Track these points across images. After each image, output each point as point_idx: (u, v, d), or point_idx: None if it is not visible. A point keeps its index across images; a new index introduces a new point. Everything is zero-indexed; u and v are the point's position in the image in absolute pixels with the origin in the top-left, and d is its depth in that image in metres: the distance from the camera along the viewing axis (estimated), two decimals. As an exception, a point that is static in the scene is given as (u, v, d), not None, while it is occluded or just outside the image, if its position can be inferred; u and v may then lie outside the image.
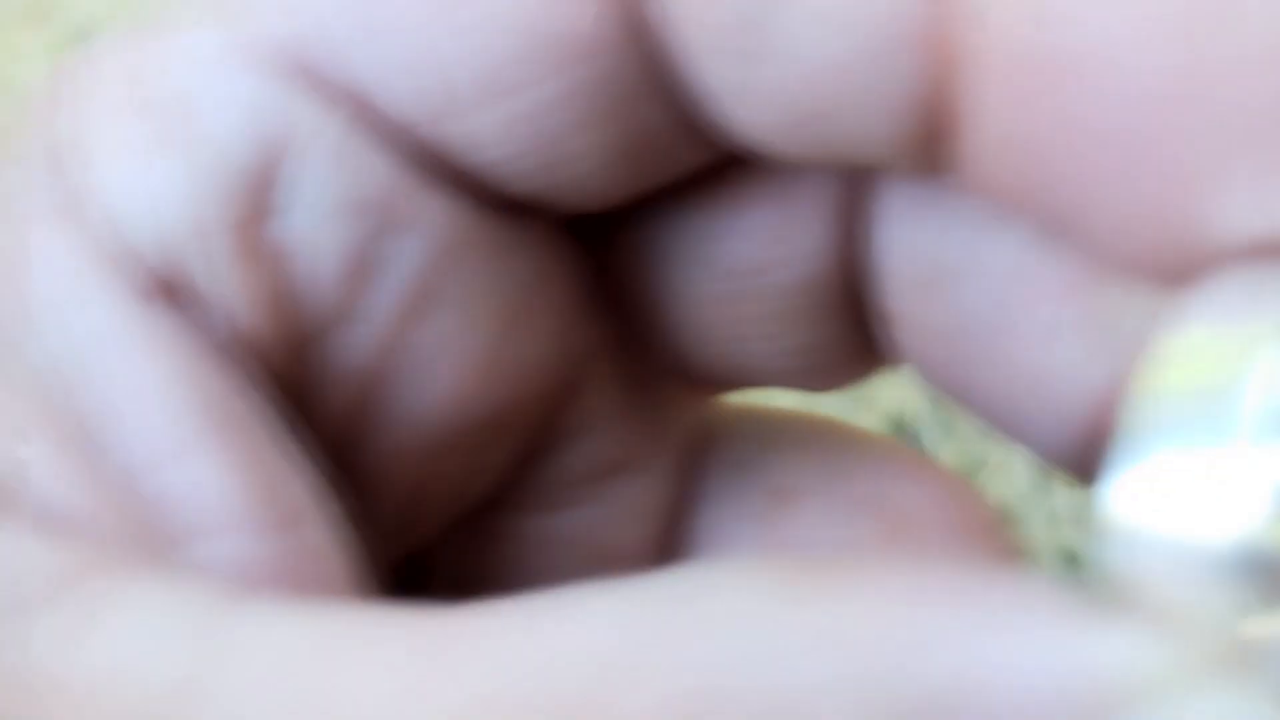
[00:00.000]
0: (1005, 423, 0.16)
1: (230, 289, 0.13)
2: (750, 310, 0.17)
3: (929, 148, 0.12)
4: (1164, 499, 0.09)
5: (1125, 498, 0.09)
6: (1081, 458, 0.14)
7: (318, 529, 0.13)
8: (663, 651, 0.09)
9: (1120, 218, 0.10)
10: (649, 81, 0.14)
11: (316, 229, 0.14)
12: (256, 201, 0.14)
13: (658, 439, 0.18)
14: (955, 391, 0.17)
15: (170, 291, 0.13)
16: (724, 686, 0.09)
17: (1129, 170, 0.10)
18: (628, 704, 0.09)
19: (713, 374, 0.18)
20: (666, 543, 0.18)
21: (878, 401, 1.01)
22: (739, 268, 0.17)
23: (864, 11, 0.12)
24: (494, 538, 0.18)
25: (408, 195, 0.15)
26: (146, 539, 0.12)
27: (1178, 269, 0.10)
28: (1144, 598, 0.09)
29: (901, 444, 0.19)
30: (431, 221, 0.15)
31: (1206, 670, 0.08)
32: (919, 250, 0.16)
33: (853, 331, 0.17)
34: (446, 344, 0.15)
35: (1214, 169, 0.10)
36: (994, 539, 0.16)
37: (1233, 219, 0.10)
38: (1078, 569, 0.89)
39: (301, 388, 0.15)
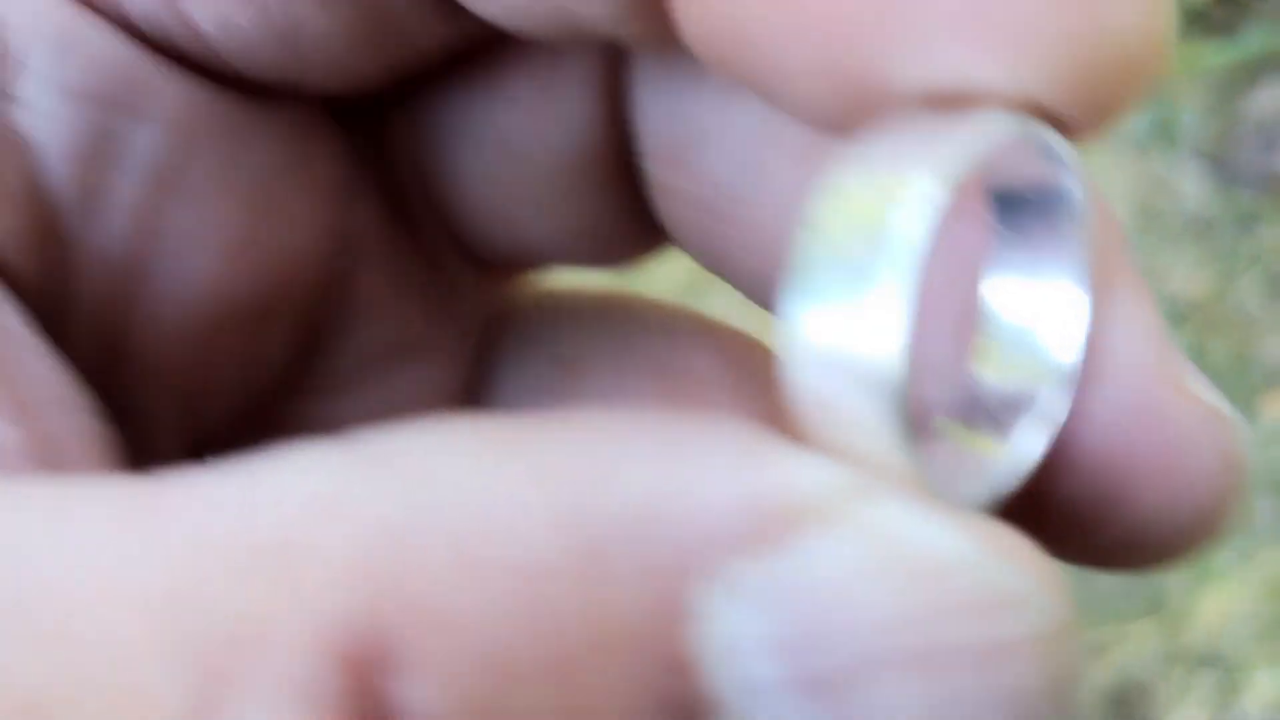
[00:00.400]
0: (752, 289, 0.17)
1: None
2: (526, 185, 0.17)
3: (649, 19, 0.13)
4: (825, 330, 0.10)
5: (797, 328, 0.10)
6: None
7: (62, 418, 0.13)
8: (363, 493, 0.09)
9: (804, 74, 0.11)
10: None
11: (49, 115, 0.14)
12: None
13: (448, 321, 0.18)
14: (710, 261, 0.17)
15: None
16: (417, 522, 0.09)
17: (808, 30, 0.11)
18: (325, 539, 0.09)
19: (498, 254, 0.18)
20: None
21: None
22: (510, 143, 0.17)
23: None
24: (285, 424, 0.18)
25: (143, 81, 0.14)
26: None
27: (857, 120, 0.11)
28: (823, 416, 0.10)
29: (699, 314, 0.19)
30: (169, 106, 0.15)
31: (870, 490, 0.10)
32: (672, 119, 0.16)
33: (629, 206, 0.17)
34: (197, 229, 0.15)
35: (881, 30, 0.11)
36: (772, 393, 0.15)
37: (898, 73, 0.11)
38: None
39: (57, 280, 0.14)
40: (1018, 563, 0.10)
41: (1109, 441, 0.13)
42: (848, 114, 0.11)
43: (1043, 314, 0.12)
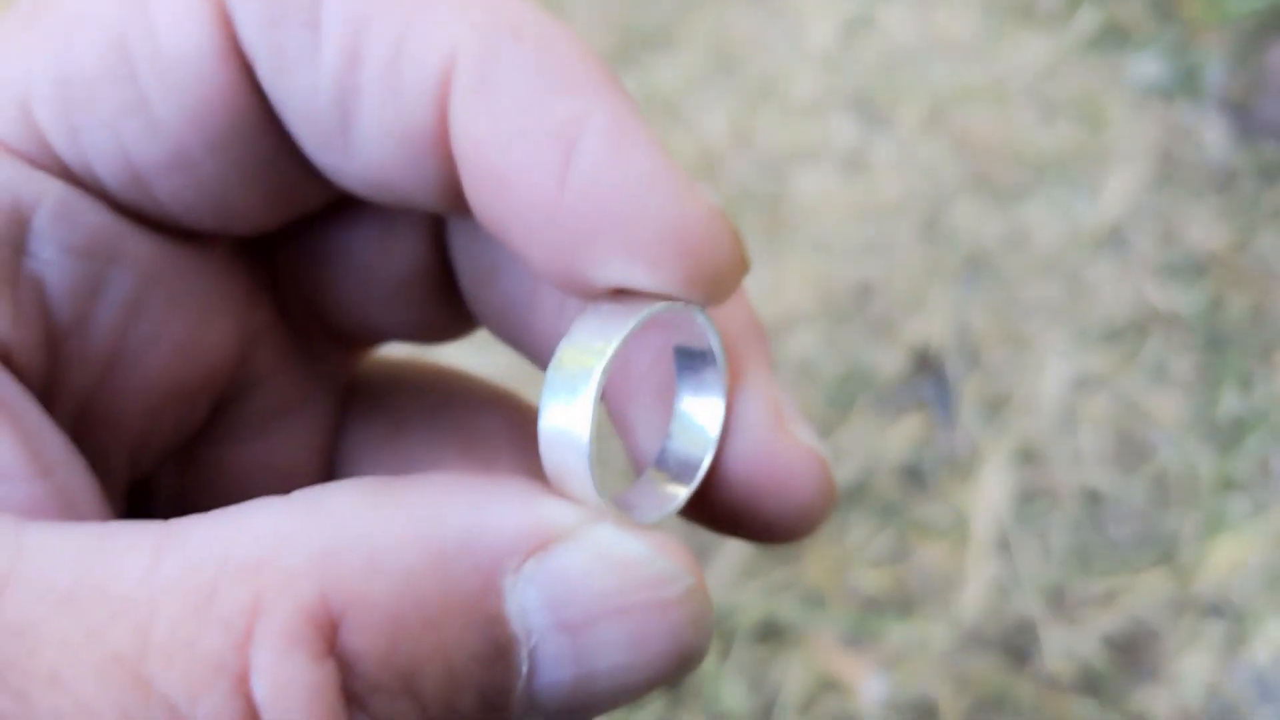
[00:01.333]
0: (534, 357, 0.25)
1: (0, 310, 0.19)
2: (377, 291, 0.25)
3: (457, 203, 0.21)
4: (554, 420, 0.19)
5: (543, 420, 0.19)
6: None
7: (70, 475, 0.19)
8: (305, 528, 0.17)
9: (547, 268, 0.20)
10: (283, 155, 0.21)
11: (56, 264, 0.20)
12: (16, 247, 0.19)
13: (319, 388, 0.27)
14: (511, 344, 0.26)
15: None
16: (342, 545, 0.16)
17: (546, 247, 0.19)
18: (287, 557, 0.16)
19: (355, 335, 0.26)
20: (324, 463, 0.27)
21: (903, 336, 0.99)
22: (365, 263, 0.25)
23: (399, 126, 0.20)
24: (201, 466, 0.25)
25: (117, 237, 0.21)
26: None
27: (580, 293, 0.20)
28: (555, 473, 0.19)
29: (490, 385, 0.28)
30: (138, 254, 0.21)
31: (593, 521, 0.18)
32: (476, 254, 0.24)
33: (450, 304, 0.26)
34: (156, 336, 0.22)
35: (585, 252, 0.19)
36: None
37: (597, 276, 0.19)
38: (1099, 506, 0.87)
39: (52, 375, 0.20)
40: (671, 556, 0.18)
41: (741, 474, 0.21)
42: (573, 291, 0.20)
43: (703, 412, 0.21)
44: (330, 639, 0.16)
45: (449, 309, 0.26)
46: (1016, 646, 0.83)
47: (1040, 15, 1.20)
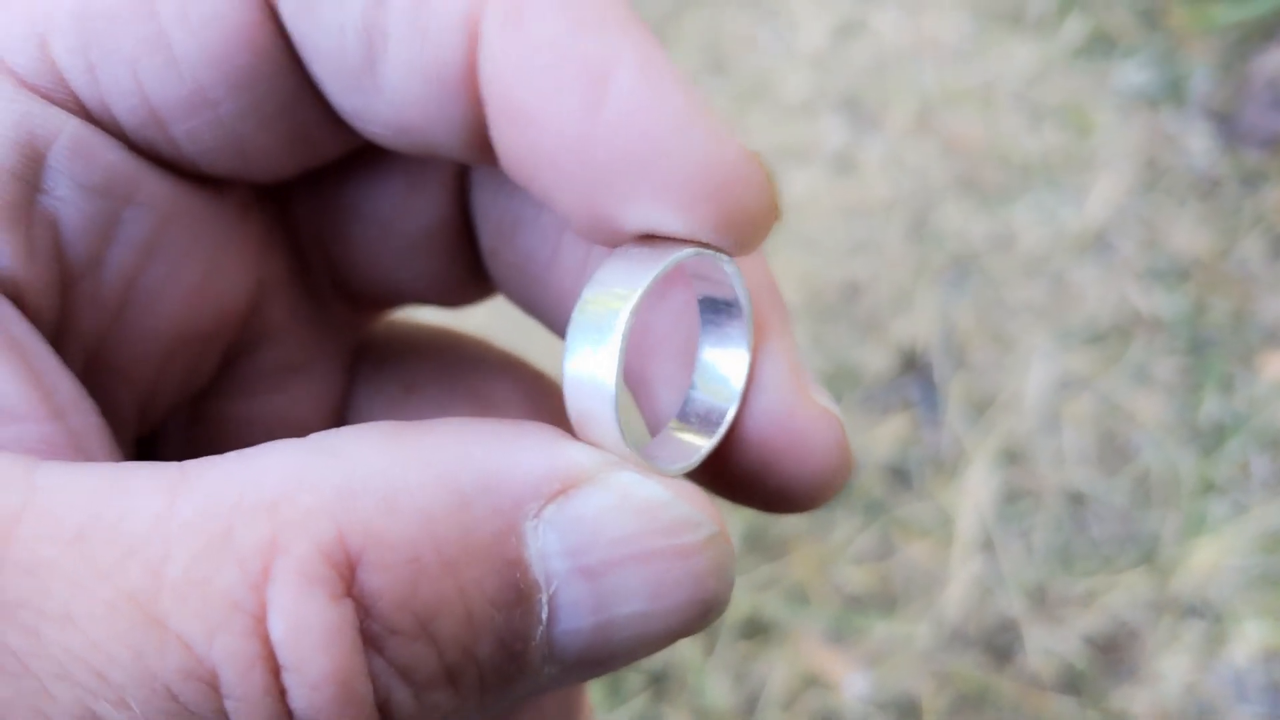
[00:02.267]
0: (552, 325, 0.25)
1: (12, 248, 0.18)
2: (394, 247, 0.25)
3: (482, 150, 0.20)
4: (579, 367, 0.19)
5: (568, 367, 0.19)
6: None
7: (81, 417, 0.19)
8: (321, 469, 0.17)
9: (574, 211, 0.20)
10: (303, 98, 0.21)
11: (71, 201, 0.20)
12: (31, 183, 0.19)
13: (330, 346, 0.26)
14: (527, 307, 0.25)
15: None
16: (358, 486, 0.16)
17: (573, 188, 0.19)
18: (303, 496, 0.16)
19: (369, 295, 0.26)
20: (334, 422, 0.26)
21: (889, 336, 1.00)
22: (383, 217, 0.24)
23: (427, 64, 0.19)
24: (209, 420, 0.25)
25: (133, 177, 0.20)
26: None
27: (606, 238, 0.20)
28: (580, 420, 0.19)
29: (504, 351, 0.28)
30: (153, 195, 0.21)
31: (615, 465, 0.18)
32: (499, 208, 0.24)
33: (468, 264, 0.25)
34: (169, 281, 0.21)
35: (614, 193, 0.19)
36: (555, 414, 0.26)
37: (625, 219, 0.19)
38: (1082, 507, 0.88)
39: (65, 317, 0.20)
40: (693, 502, 0.18)
41: (761, 432, 0.21)
42: (599, 237, 0.20)
43: (728, 364, 0.21)
44: (348, 579, 0.16)
45: (467, 269, 0.25)
46: (998, 645, 0.84)
47: (1029, 21, 1.21)
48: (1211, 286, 1.01)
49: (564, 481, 0.17)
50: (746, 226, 0.19)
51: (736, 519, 0.88)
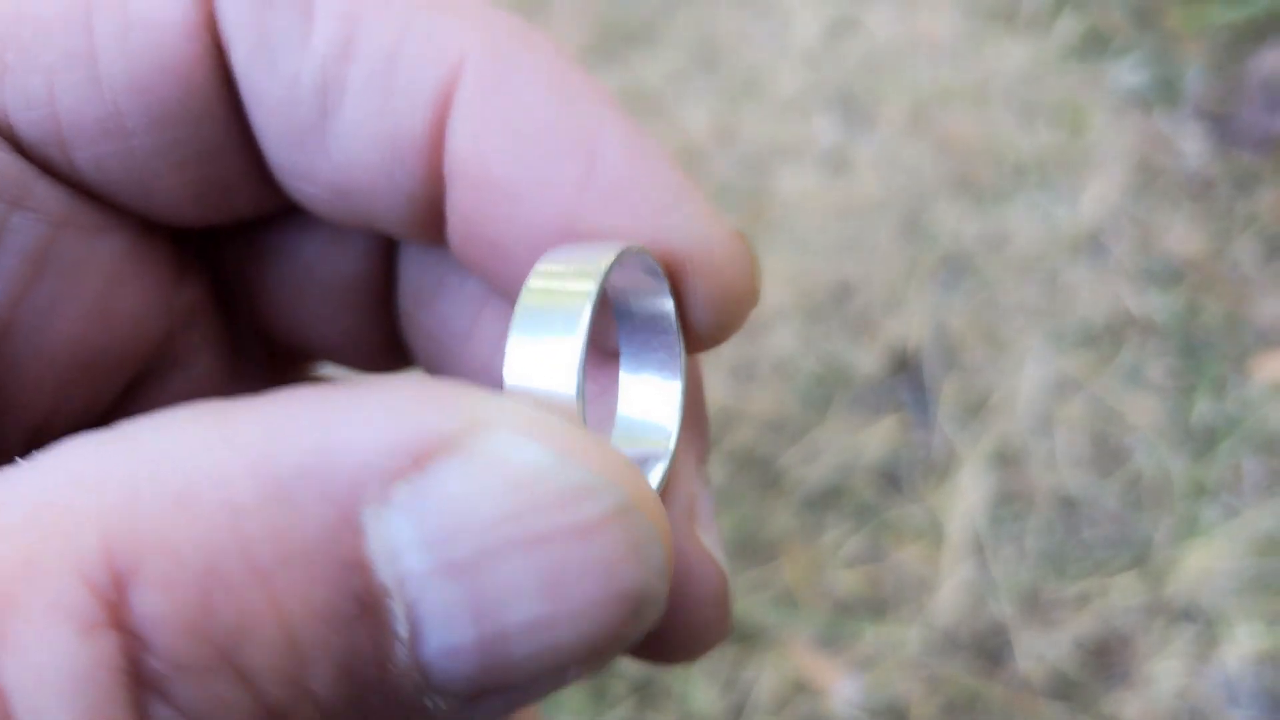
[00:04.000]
0: None
1: None
2: (313, 296, 0.23)
3: (426, 225, 0.19)
4: (525, 362, 0.16)
5: (512, 361, 0.16)
6: None
7: None
8: (109, 465, 0.13)
9: (497, 269, 0.19)
10: (230, 147, 0.19)
11: None
12: None
13: (248, 388, 0.23)
14: (441, 375, 0.23)
15: None
16: (146, 481, 0.13)
17: (502, 241, 0.18)
18: (79, 501, 0.13)
19: (290, 346, 0.24)
20: None
21: (881, 336, 0.99)
22: (305, 261, 0.22)
23: (387, 128, 0.18)
24: None
25: (24, 182, 0.19)
26: None
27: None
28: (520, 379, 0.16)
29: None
30: (46, 203, 0.19)
31: (485, 424, 0.14)
32: (423, 271, 0.22)
33: (386, 327, 0.24)
34: (58, 300, 0.19)
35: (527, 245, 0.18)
36: None
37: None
38: (1074, 510, 0.87)
39: None
40: (592, 463, 0.14)
41: None
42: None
43: (655, 397, 0.19)
44: (115, 603, 0.12)
45: (384, 332, 0.24)
46: (989, 649, 0.83)
47: (1022, 20, 1.21)
48: (1204, 288, 1.01)
49: (417, 453, 0.13)
50: (730, 308, 0.18)
51: (725, 520, 0.87)
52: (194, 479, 0.13)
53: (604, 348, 0.20)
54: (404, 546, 0.13)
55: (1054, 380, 0.95)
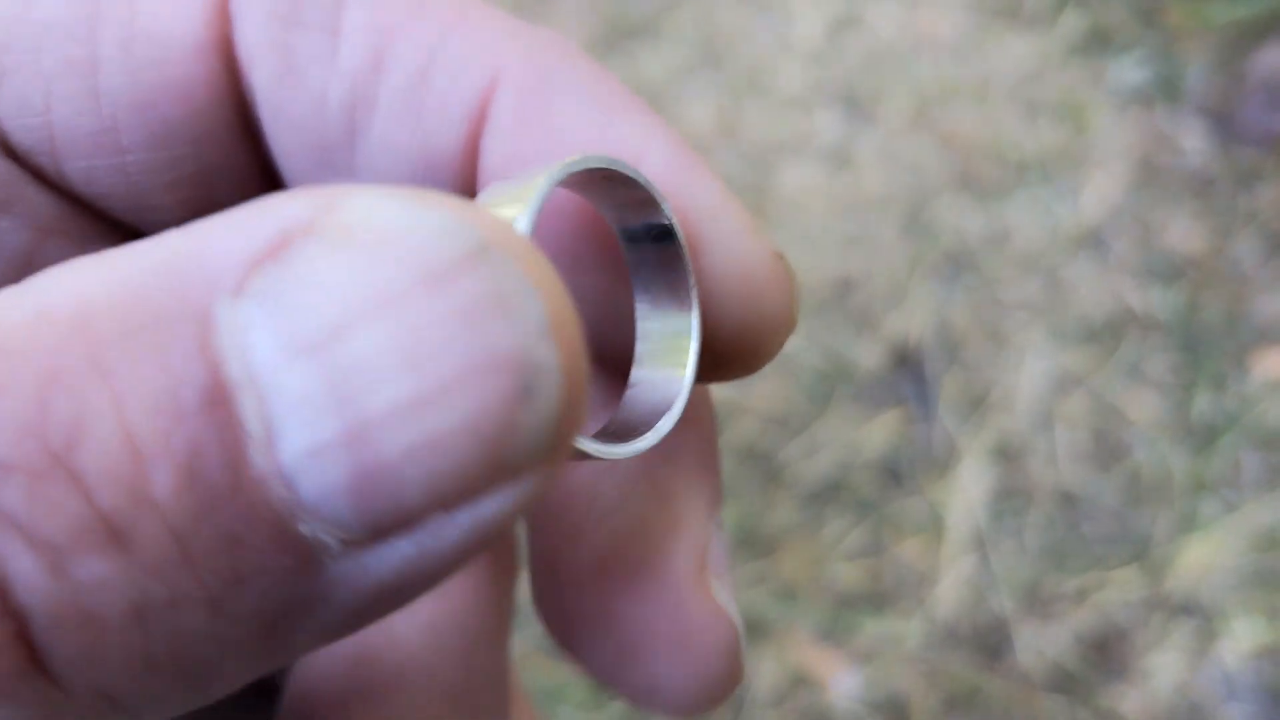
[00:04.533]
0: None
1: None
2: None
3: None
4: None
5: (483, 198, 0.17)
6: None
7: None
8: (36, 280, 0.13)
9: None
10: (243, 168, 0.19)
11: None
12: None
13: None
14: None
15: None
16: (49, 288, 0.12)
17: None
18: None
19: None
20: None
21: (883, 331, 0.99)
22: None
23: (418, 144, 0.18)
24: None
25: (13, 186, 0.18)
26: None
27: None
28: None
29: None
30: (31, 208, 0.18)
31: (348, 193, 0.13)
32: None
33: None
34: None
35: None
36: None
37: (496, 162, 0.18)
38: (1074, 505, 0.87)
39: None
40: (449, 211, 0.12)
41: (646, 625, 0.19)
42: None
43: (669, 343, 0.18)
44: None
45: None
46: (989, 644, 0.83)
47: (1025, 17, 1.21)
48: (1205, 285, 1.01)
49: (276, 243, 0.12)
50: (767, 332, 0.18)
51: (727, 514, 0.87)
52: (56, 295, 0.12)
53: (612, 361, 0.19)
54: (256, 336, 0.12)
55: (1054, 376, 0.95)
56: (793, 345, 0.97)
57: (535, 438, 0.12)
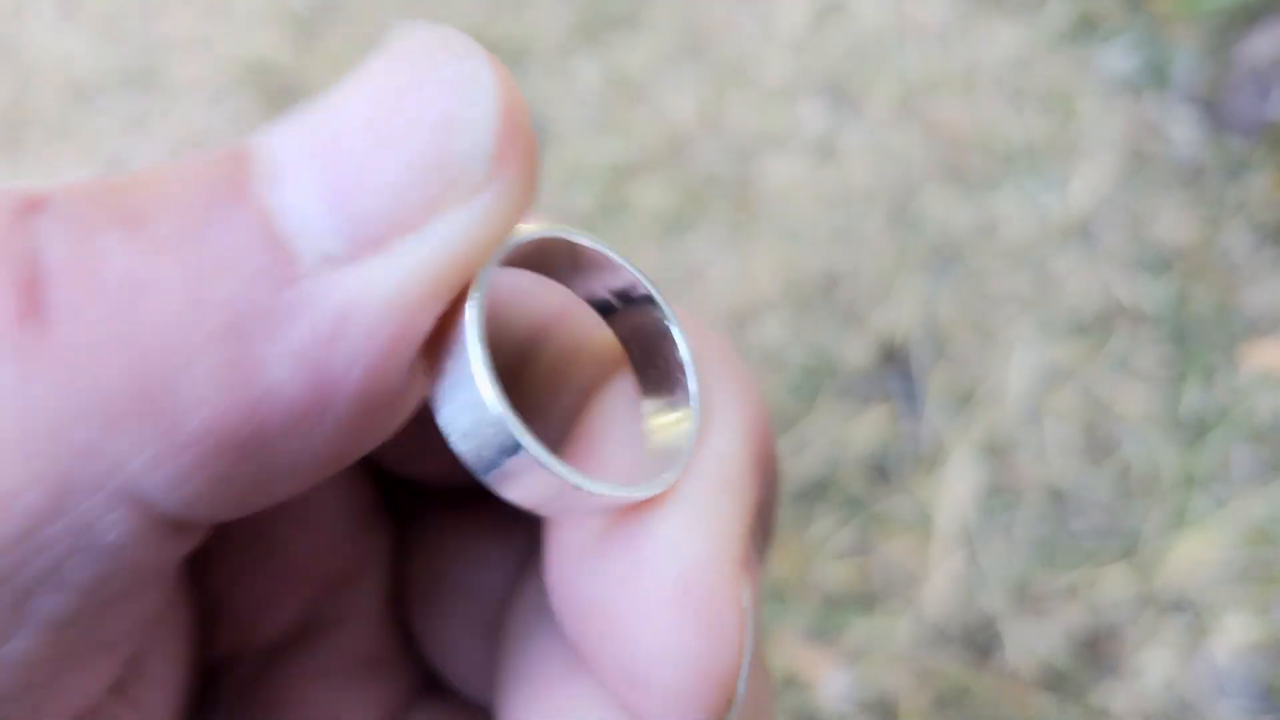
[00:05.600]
0: None
1: None
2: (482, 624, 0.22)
3: None
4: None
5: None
6: None
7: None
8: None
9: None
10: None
11: None
12: None
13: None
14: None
15: None
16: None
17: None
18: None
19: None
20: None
21: (869, 326, 0.97)
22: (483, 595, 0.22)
23: None
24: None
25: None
26: None
27: None
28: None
29: None
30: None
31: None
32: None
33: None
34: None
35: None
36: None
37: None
38: (1063, 501, 0.85)
39: None
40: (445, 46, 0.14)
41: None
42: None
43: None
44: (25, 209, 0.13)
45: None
46: (979, 641, 0.82)
47: (1011, 4, 1.19)
48: (1195, 276, 1.00)
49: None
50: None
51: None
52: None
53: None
54: (290, 171, 0.13)
55: (1043, 369, 0.94)
56: (778, 341, 0.95)
57: (476, 140, 0.13)
